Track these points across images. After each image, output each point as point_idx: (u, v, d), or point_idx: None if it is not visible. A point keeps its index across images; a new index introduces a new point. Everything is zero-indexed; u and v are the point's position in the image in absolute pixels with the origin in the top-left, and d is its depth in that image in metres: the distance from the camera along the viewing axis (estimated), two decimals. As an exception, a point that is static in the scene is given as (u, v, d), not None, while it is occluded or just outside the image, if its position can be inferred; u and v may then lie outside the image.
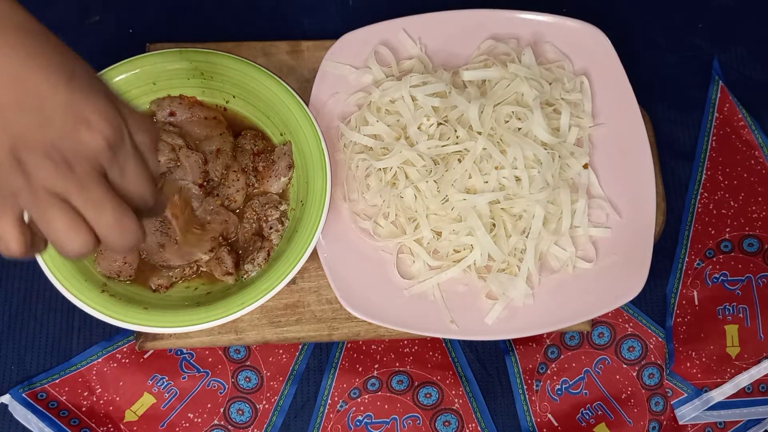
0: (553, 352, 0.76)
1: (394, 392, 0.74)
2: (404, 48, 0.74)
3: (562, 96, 0.72)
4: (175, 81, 0.69)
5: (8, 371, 0.73)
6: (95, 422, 0.72)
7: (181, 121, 0.70)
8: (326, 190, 0.65)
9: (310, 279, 0.72)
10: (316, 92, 0.72)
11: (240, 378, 0.74)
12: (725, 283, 0.78)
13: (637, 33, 0.85)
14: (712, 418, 0.75)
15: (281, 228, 0.68)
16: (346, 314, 0.70)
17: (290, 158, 0.69)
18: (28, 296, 0.75)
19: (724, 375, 0.75)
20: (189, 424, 0.73)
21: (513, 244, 0.68)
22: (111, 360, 0.73)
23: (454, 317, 0.67)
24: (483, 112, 0.69)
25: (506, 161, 0.67)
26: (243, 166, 0.69)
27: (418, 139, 0.69)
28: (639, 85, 0.72)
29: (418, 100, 0.69)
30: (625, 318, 0.77)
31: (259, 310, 0.71)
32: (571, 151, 0.70)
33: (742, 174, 0.81)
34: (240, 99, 0.71)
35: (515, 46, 0.73)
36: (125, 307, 0.62)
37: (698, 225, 0.80)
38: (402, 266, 0.69)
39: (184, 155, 0.68)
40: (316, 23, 0.83)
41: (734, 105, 0.82)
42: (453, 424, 0.74)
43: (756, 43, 0.85)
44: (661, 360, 0.76)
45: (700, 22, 0.86)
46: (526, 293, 0.67)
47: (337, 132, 0.71)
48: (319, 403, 0.74)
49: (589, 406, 0.75)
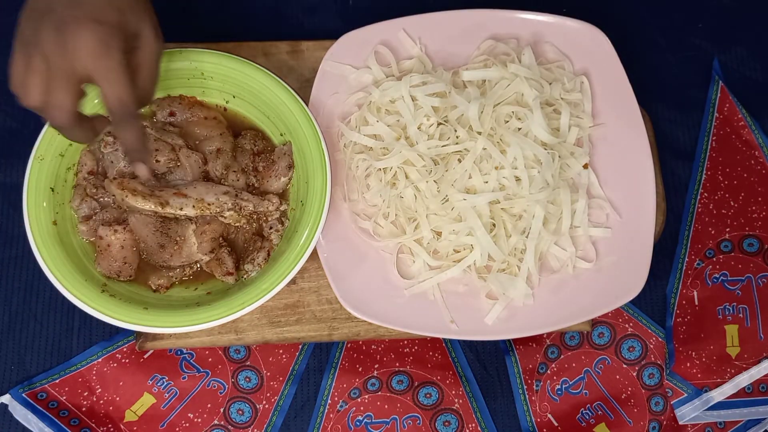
0: (553, 352, 0.76)
1: (394, 392, 0.74)
2: (404, 48, 0.74)
3: (562, 96, 0.72)
4: (175, 81, 0.69)
5: (8, 371, 0.74)
6: (95, 422, 0.72)
7: (181, 121, 0.70)
8: (326, 190, 0.65)
9: (310, 279, 0.72)
10: (316, 92, 0.72)
11: (240, 378, 0.74)
12: (725, 283, 0.78)
13: (637, 33, 0.85)
14: (712, 418, 0.75)
15: (281, 228, 0.68)
16: (346, 314, 0.70)
17: (290, 158, 0.69)
18: (28, 296, 0.75)
19: (724, 375, 0.75)
20: (189, 424, 0.73)
21: (513, 244, 0.68)
22: (111, 360, 0.74)
23: (454, 317, 0.67)
24: (483, 112, 0.69)
25: (506, 161, 0.67)
26: (243, 166, 0.69)
27: (418, 139, 0.69)
28: (639, 85, 0.72)
29: (418, 100, 0.69)
30: (625, 318, 0.77)
31: (259, 310, 0.71)
32: (571, 151, 0.70)
33: (742, 174, 0.81)
34: (240, 99, 0.71)
35: (515, 46, 0.73)
36: (125, 307, 0.62)
37: (698, 225, 0.80)
38: (402, 266, 0.69)
39: (184, 155, 0.68)
40: (316, 23, 0.83)
41: (734, 105, 0.82)
42: (453, 424, 0.74)
43: (756, 43, 0.85)
44: (661, 360, 0.76)
45: (700, 22, 0.86)
46: (526, 293, 0.67)
47: (337, 132, 0.71)
48: (319, 403, 0.74)
49: (589, 406, 0.75)
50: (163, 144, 0.68)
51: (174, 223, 0.67)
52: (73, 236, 0.66)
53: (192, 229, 0.67)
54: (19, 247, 0.76)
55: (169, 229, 0.67)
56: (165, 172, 0.69)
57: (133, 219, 0.66)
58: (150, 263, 0.67)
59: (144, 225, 0.66)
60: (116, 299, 0.63)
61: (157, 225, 0.67)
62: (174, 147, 0.68)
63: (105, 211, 0.67)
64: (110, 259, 0.66)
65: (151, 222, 0.67)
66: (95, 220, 0.67)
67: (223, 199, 0.66)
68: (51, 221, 0.65)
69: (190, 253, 0.67)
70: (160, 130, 0.69)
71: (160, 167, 0.68)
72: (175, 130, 0.70)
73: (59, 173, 0.66)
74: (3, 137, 0.79)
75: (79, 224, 0.67)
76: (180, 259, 0.67)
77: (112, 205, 0.67)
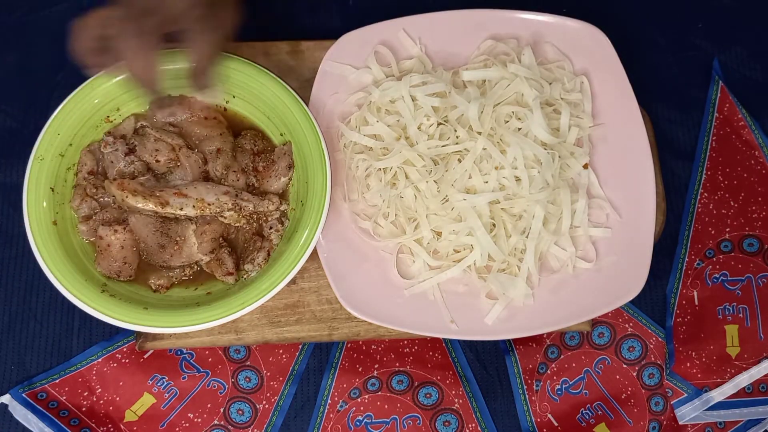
0: (553, 352, 0.76)
1: (394, 392, 0.74)
2: (404, 48, 0.74)
3: (562, 96, 0.72)
4: (175, 81, 0.69)
5: (8, 371, 0.74)
6: (95, 422, 0.72)
7: (181, 121, 0.70)
8: (326, 190, 0.65)
9: (310, 279, 0.72)
10: (316, 92, 0.72)
11: (240, 378, 0.74)
12: (725, 283, 0.78)
13: (637, 33, 0.85)
14: (712, 418, 0.75)
15: (281, 228, 0.68)
16: (346, 314, 0.70)
17: (290, 158, 0.69)
18: (28, 296, 0.75)
19: (724, 375, 0.75)
20: (189, 424, 0.73)
21: (513, 244, 0.68)
22: (111, 360, 0.74)
23: (454, 317, 0.67)
24: (483, 112, 0.69)
25: (506, 161, 0.67)
26: (243, 165, 0.69)
27: (418, 139, 0.69)
28: (639, 85, 0.72)
29: (418, 100, 0.69)
30: (625, 318, 0.77)
31: (259, 310, 0.71)
32: (571, 151, 0.70)
33: (742, 174, 0.81)
34: (240, 99, 0.71)
35: (515, 46, 0.73)
36: (125, 307, 0.62)
37: (698, 225, 0.80)
38: (402, 266, 0.69)
39: (184, 155, 0.68)
40: (316, 23, 0.83)
41: (734, 105, 0.82)
42: (453, 424, 0.74)
43: (756, 43, 0.85)
44: (661, 360, 0.76)
45: (700, 22, 0.86)
46: (526, 293, 0.67)
47: (337, 132, 0.71)
48: (319, 403, 0.74)
49: (589, 406, 0.75)
50: (163, 144, 0.68)
51: (174, 223, 0.67)
52: (73, 236, 0.66)
53: (192, 230, 0.67)
54: (19, 247, 0.76)
55: (169, 229, 0.67)
56: (165, 172, 0.69)
57: (133, 219, 0.66)
58: (150, 263, 0.67)
59: (144, 225, 0.66)
60: (116, 299, 0.63)
61: (157, 225, 0.67)
62: (174, 147, 0.68)
63: (105, 211, 0.67)
64: (110, 259, 0.66)
65: (151, 222, 0.67)
66: (95, 220, 0.67)
67: (223, 199, 0.66)
68: (51, 221, 0.65)
69: (190, 253, 0.67)
70: (160, 130, 0.69)
71: (160, 167, 0.68)
72: (175, 130, 0.70)
73: (59, 173, 0.66)
74: (3, 137, 0.79)
75: (79, 224, 0.67)
76: (180, 259, 0.67)
77: (112, 205, 0.67)
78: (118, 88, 0.68)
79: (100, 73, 0.66)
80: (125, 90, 0.68)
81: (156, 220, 0.67)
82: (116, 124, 0.70)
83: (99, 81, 0.67)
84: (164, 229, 0.67)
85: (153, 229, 0.67)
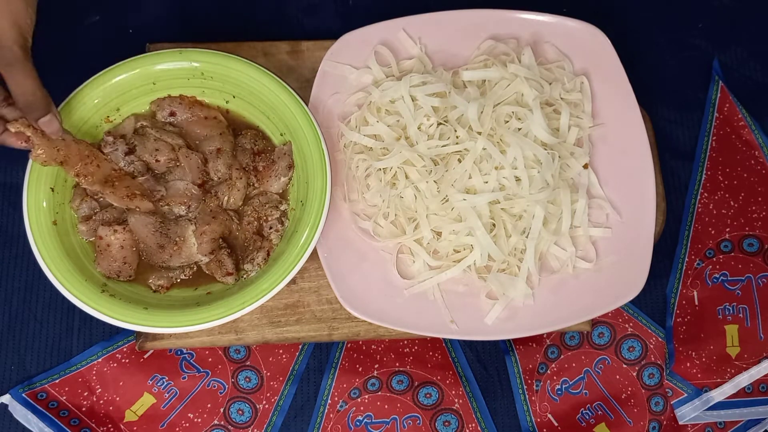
0: (553, 352, 0.76)
1: (394, 392, 0.74)
2: (404, 48, 0.74)
3: (562, 96, 0.72)
4: (175, 81, 0.69)
5: (8, 371, 0.74)
6: (95, 422, 0.72)
7: (181, 121, 0.70)
8: (326, 190, 0.65)
9: (310, 279, 0.72)
10: (316, 92, 0.72)
11: (240, 378, 0.74)
12: (725, 283, 0.78)
13: (637, 33, 0.85)
14: (712, 418, 0.75)
15: (281, 228, 0.68)
16: (346, 314, 0.70)
17: (290, 158, 0.69)
18: (28, 296, 0.75)
19: (724, 375, 0.75)
20: (189, 424, 0.73)
21: (513, 244, 0.68)
22: (111, 360, 0.74)
23: (454, 317, 0.67)
24: (483, 112, 0.69)
25: (506, 161, 0.67)
26: (243, 165, 0.69)
27: (418, 139, 0.69)
28: (639, 85, 0.72)
29: (418, 100, 0.69)
30: (625, 318, 0.77)
31: (259, 310, 0.71)
32: (571, 151, 0.70)
33: (742, 174, 0.81)
34: (240, 99, 0.71)
35: (515, 46, 0.73)
36: (125, 307, 0.62)
37: (698, 225, 0.80)
38: (402, 266, 0.69)
39: (184, 155, 0.68)
40: (316, 23, 0.83)
41: (734, 105, 0.82)
42: (453, 424, 0.74)
43: (756, 43, 0.85)
44: (661, 360, 0.76)
45: (700, 22, 0.86)
46: (526, 293, 0.67)
47: (337, 132, 0.71)
48: (319, 403, 0.74)
49: (589, 406, 0.75)
50: (163, 144, 0.68)
51: (173, 223, 0.67)
52: (73, 236, 0.66)
53: (191, 230, 0.67)
54: (19, 247, 0.76)
55: (168, 229, 0.67)
56: (165, 171, 0.69)
57: (132, 219, 0.66)
58: (150, 263, 0.67)
59: (143, 225, 0.66)
60: (116, 299, 0.63)
61: (156, 225, 0.67)
62: (174, 147, 0.68)
63: (105, 211, 0.67)
64: (110, 259, 0.66)
65: (150, 222, 0.67)
66: (95, 220, 0.67)
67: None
68: (51, 221, 0.65)
69: (190, 253, 0.67)
70: (160, 130, 0.69)
71: (160, 167, 0.68)
72: (175, 130, 0.70)
73: (59, 173, 0.66)
74: (3, 137, 0.78)
75: (79, 224, 0.67)
76: (179, 259, 0.67)
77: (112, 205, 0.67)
78: (118, 88, 0.68)
79: (99, 73, 0.67)
80: (124, 90, 0.68)
81: (155, 221, 0.67)
82: (116, 124, 0.70)
83: (99, 81, 0.67)
84: (163, 230, 0.67)
85: (152, 229, 0.67)
